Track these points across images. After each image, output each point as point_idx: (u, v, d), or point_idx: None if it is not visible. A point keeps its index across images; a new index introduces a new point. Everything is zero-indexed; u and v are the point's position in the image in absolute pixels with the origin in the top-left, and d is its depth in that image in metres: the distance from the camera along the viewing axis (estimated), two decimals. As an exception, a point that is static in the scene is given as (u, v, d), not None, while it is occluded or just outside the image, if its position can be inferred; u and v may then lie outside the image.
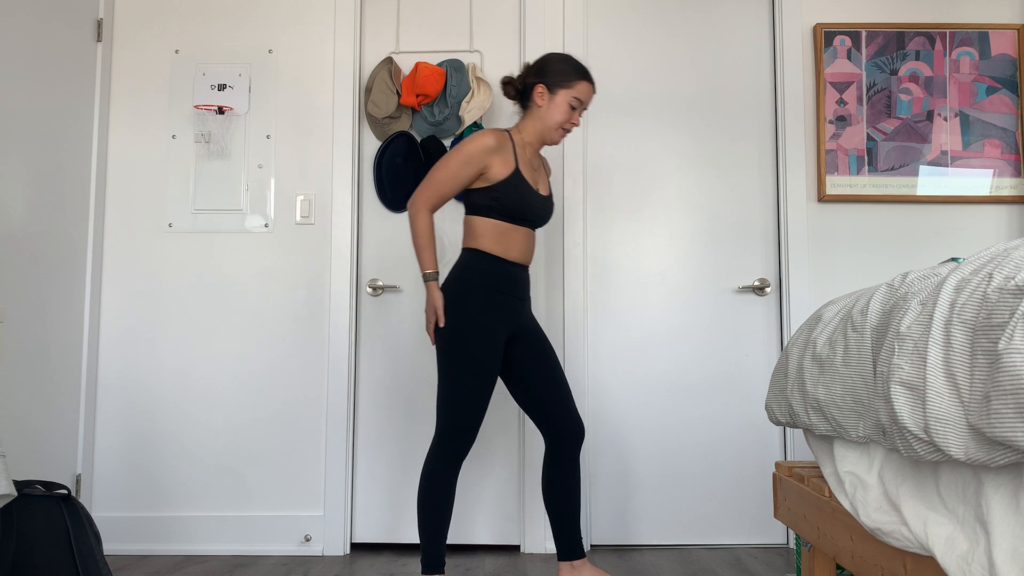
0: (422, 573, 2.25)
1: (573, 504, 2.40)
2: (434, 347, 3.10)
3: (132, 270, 3.12)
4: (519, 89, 2.40)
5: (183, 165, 3.16)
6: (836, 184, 3.08)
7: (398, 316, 3.13)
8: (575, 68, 2.36)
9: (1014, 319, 1.02)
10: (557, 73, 2.34)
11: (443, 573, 2.25)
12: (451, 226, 3.16)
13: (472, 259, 2.31)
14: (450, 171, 2.27)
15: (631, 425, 3.09)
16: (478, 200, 2.31)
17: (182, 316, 3.10)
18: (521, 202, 2.31)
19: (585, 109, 2.41)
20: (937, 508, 1.24)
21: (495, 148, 2.28)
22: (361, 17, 3.23)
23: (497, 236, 2.31)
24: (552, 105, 2.35)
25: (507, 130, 2.37)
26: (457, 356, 2.23)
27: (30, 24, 2.74)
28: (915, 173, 3.09)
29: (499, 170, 2.29)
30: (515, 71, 3.19)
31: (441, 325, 2.26)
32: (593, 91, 2.39)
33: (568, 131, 2.41)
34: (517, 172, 2.32)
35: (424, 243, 2.27)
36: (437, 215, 3.15)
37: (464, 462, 3.07)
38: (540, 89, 2.35)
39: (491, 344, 2.25)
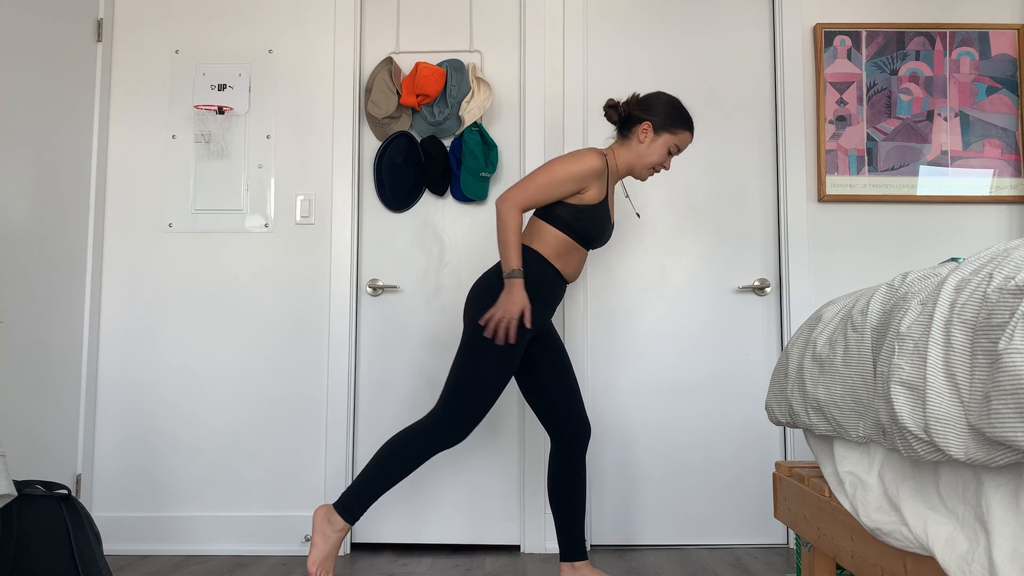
0: (338, 512, 2.22)
1: (578, 504, 2.41)
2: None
3: (132, 270, 3.12)
4: (622, 116, 2.40)
5: (183, 165, 3.16)
6: (836, 184, 3.08)
7: (398, 316, 3.13)
8: (683, 117, 2.36)
9: (1014, 319, 1.02)
10: (666, 116, 2.34)
11: (352, 525, 2.24)
12: (451, 226, 3.16)
13: (530, 260, 2.31)
14: (554, 181, 2.24)
15: (631, 425, 3.09)
16: (560, 213, 2.31)
17: (182, 316, 3.10)
18: (598, 229, 2.34)
19: (677, 154, 2.43)
20: (937, 508, 1.24)
21: (599, 173, 2.28)
22: (361, 17, 3.23)
23: (561, 251, 2.33)
24: (653, 145, 2.35)
25: (605, 153, 2.35)
26: (485, 350, 2.23)
27: (30, 24, 2.74)
28: (915, 173, 3.09)
29: (592, 194, 2.30)
30: (515, 71, 3.19)
31: (528, 327, 2.24)
32: (691, 141, 2.41)
33: (657, 172, 2.42)
34: (605, 201, 2.34)
35: (513, 240, 2.22)
36: (438, 215, 3.15)
37: (464, 461, 3.08)
38: (646, 126, 2.34)
39: (518, 347, 2.26)
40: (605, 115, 2.43)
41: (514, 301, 2.20)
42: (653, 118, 2.34)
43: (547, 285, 2.31)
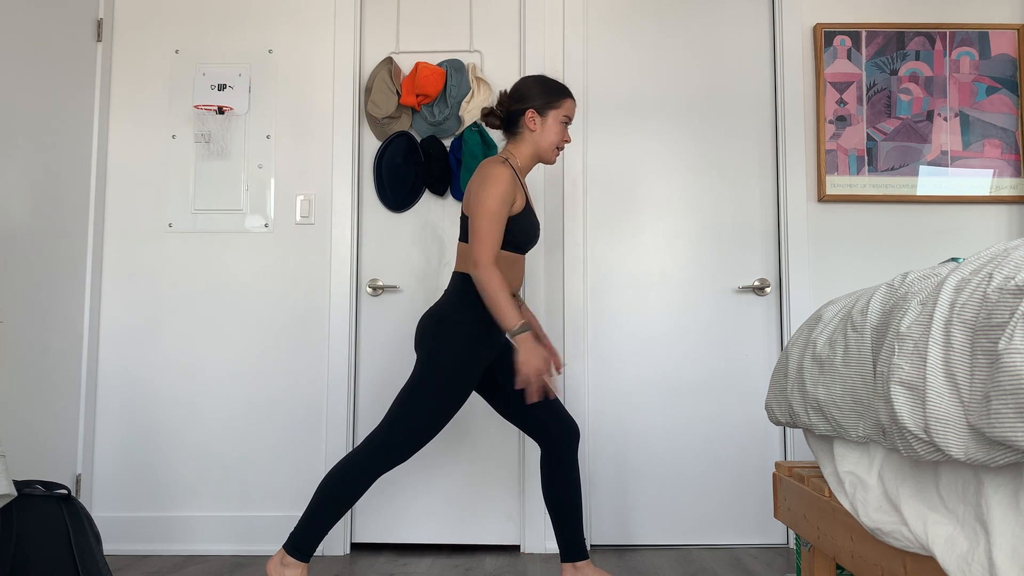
0: (290, 554, 2.20)
1: (575, 505, 2.40)
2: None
3: (132, 270, 3.12)
4: (502, 118, 2.39)
5: (183, 165, 3.16)
6: (836, 184, 3.08)
7: (398, 316, 3.13)
8: (557, 87, 2.36)
9: (1014, 319, 1.02)
10: (543, 95, 2.34)
11: (308, 563, 2.25)
12: (451, 226, 3.16)
13: (468, 289, 2.29)
14: (495, 215, 2.21)
15: (631, 425, 3.09)
16: None
17: (182, 316, 3.10)
18: (532, 232, 2.35)
19: (570, 123, 2.41)
20: (937, 508, 1.24)
21: (515, 181, 2.27)
22: (361, 17, 3.23)
23: (503, 266, 2.32)
24: (545, 127, 2.35)
25: (506, 158, 2.33)
26: (440, 383, 2.22)
27: (30, 24, 2.74)
28: (915, 173, 3.09)
29: (519, 203, 2.30)
30: (515, 71, 3.19)
31: (558, 372, 2.40)
32: (575, 105, 2.38)
33: (562, 149, 2.41)
34: (529, 203, 2.36)
35: (504, 298, 2.17)
36: (438, 214, 3.16)
37: (464, 461, 3.08)
38: (531, 114, 2.34)
39: (474, 378, 2.26)
40: (486, 124, 2.42)
41: (535, 355, 2.17)
42: (533, 103, 2.33)
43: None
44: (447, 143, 3.16)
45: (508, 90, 2.40)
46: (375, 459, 2.22)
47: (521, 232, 2.31)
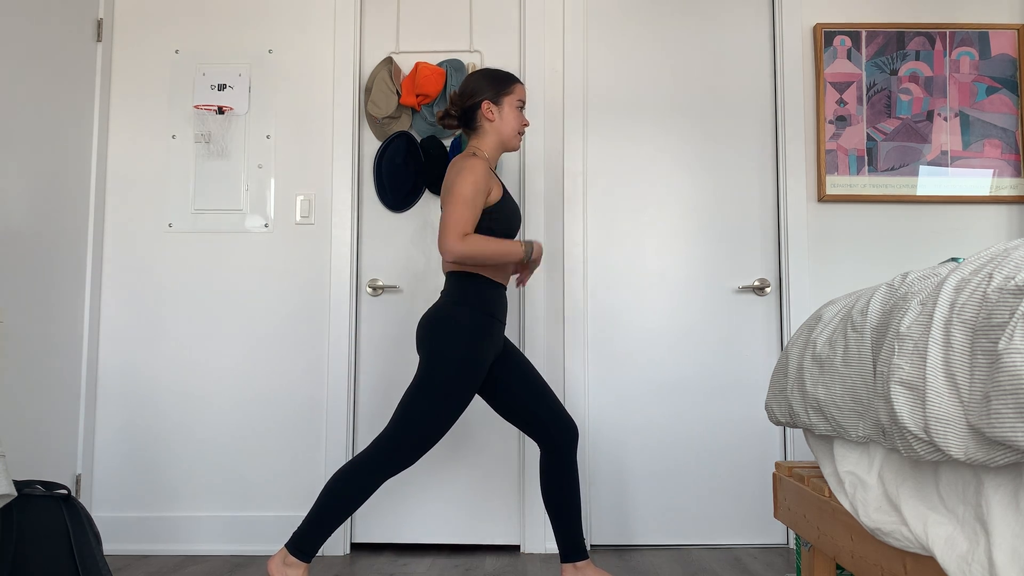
0: (292, 554, 2.20)
1: (574, 505, 2.40)
2: None
3: (132, 270, 3.12)
4: (458, 117, 2.42)
5: (183, 165, 3.16)
6: (836, 184, 3.08)
7: (398, 316, 3.13)
8: (504, 75, 2.42)
9: (1014, 319, 1.02)
10: (493, 85, 2.39)
11: (309, 563, 2.25)
12: (451, 226, 3.16)
13: (471, 283, 2.30)
14: (468, 202, 2.22)
15: (631, 425, 3.09)
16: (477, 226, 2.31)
17: (182, 317, 3.10)
18: (514, 218, 2.37)
19: (524, 108, 2.47)
20: (937, 508, 1.24)
21: (489, 170, 2.30)
22: (361, 17, 3.23)
23: None
24: (503, 114, 2.39)
25: (474, 153, 2.36)
26: (445, 383, 2.22)
27: (30, 24, 2.74)
28: (915, 173, 3.09)
29: (496, 192, 2.32)
30: (515, 71, 3.19)
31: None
32: (525, 89, 2.47)
33: (523, 133, 2.46)
34: (506, 192, 2.38)
35: (492, 245, 2.23)
36: (438, 215, 3.16)
37: (464, 461, 3.08)
38: (487, 105, 2.38)
39: (478, 377, 2.26)
40: (444, 126, 2.45)
41: (536, 256, 2.36)
42: (486, 95, 2.38)
43: (494, 303, 2.32)
44: (447, 143, 3.16)
45: (457, 90, 2.44)
46: (382, 462, 2.22)
47: (504, 220, 2.33)
